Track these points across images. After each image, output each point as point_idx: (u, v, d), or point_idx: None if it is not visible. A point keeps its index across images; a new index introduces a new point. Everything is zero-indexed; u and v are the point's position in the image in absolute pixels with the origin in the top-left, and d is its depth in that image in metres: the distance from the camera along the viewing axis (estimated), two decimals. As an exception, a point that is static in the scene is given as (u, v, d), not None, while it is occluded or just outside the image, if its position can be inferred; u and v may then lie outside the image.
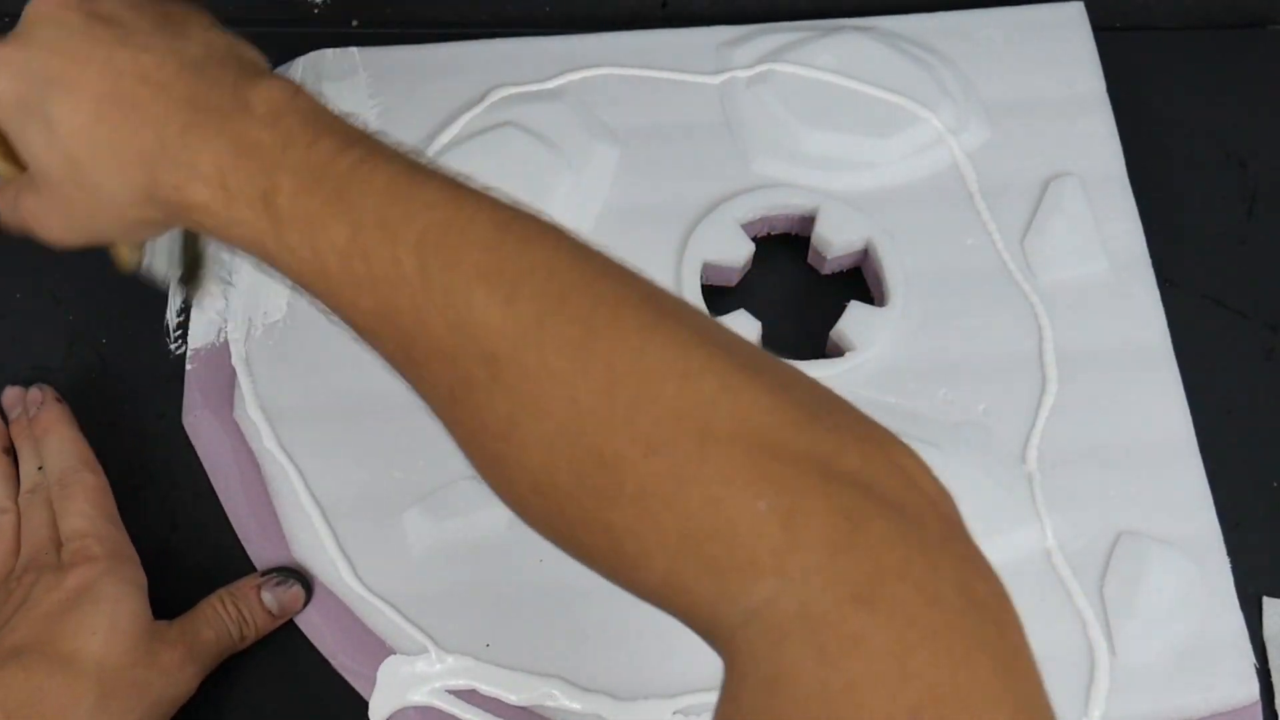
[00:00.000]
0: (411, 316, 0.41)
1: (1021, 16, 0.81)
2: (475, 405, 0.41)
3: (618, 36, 0.80)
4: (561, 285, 0.40)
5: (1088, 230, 0.72)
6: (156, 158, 0.46)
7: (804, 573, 0.35)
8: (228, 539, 0.66)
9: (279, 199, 0.44)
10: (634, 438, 0.38)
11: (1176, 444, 0.67)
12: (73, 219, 0.50)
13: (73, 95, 0.47)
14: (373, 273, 0.42)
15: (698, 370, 0.38)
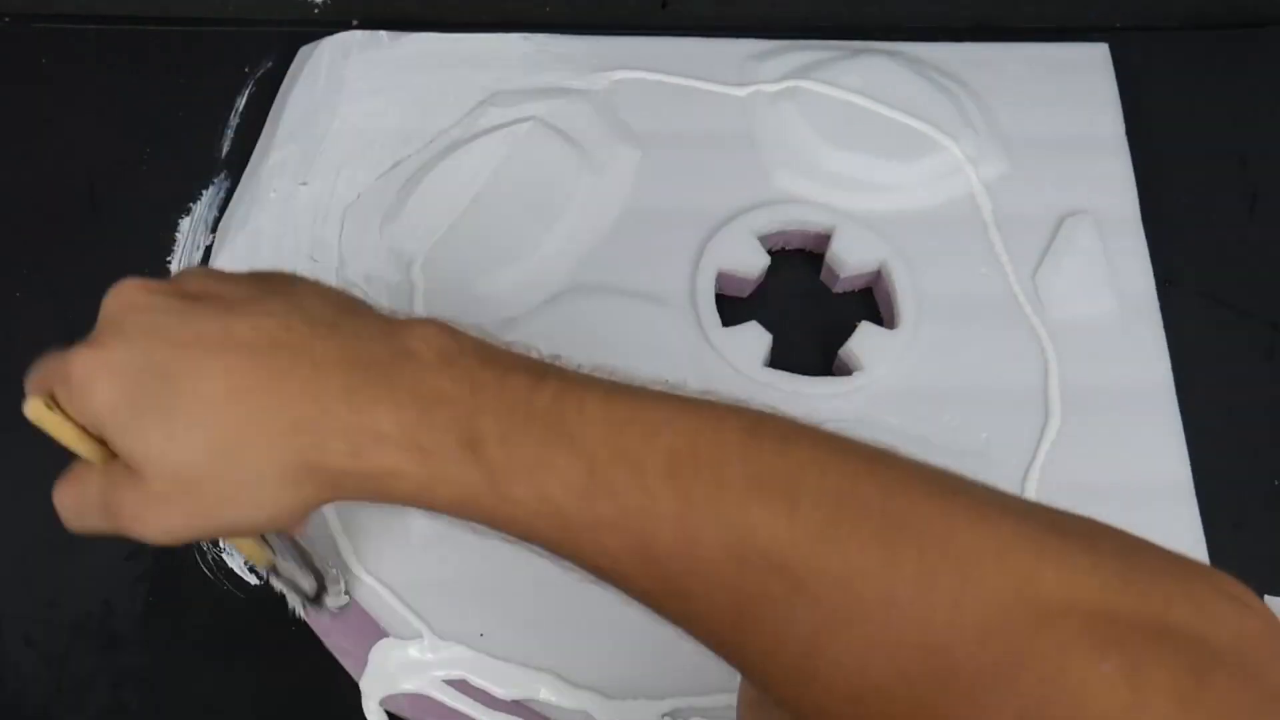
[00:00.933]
0: (676, 547, 0.38)
1: (1047, 53, 0.81)
2: (771, 623, 0.37)
3: (648, 41, 0.80)
4: (839, 480, 0.38)
5: (1099, 269, 0.73)
6: (317, 428, 0.41)
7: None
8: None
9: (487, 448, 0.40)
10: (962, 627, 0.35)
11: (1174, 486, 0.67)
12: (197, 513, 0.43)
13: (196, 383, 0.41)
14: (623, 509, 0.38)
15: (1010, 543, 0.36)
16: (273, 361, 0.41)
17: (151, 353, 0.42)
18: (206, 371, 0.41)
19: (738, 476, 0.38)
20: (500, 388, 0.40)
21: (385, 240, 0.72)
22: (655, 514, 0.38)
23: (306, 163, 0.75)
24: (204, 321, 0.42)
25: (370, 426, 0.40)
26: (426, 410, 0.40)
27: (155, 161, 0.78)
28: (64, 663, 0.63)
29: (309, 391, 0.41)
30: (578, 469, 0.39)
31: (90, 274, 0.73)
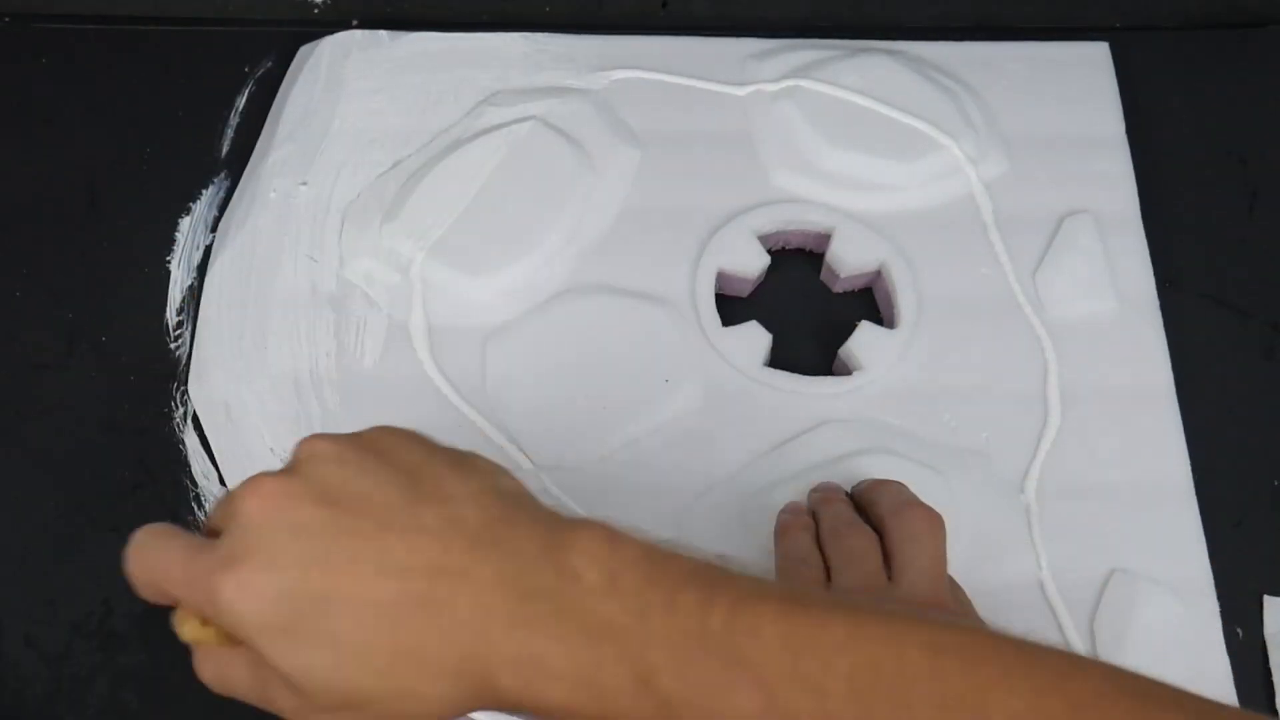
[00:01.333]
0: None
1: (1047, 52, 0.81)
2: None
3: (648, 40, 0.80)
4: (1028, 699, 0.37)
5: (1099, 269, 0.73)
6: (485, 660, 0.40)
7: None
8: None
9: (660, 681, 0.39)
10: None
11: (1174, 486, 0.67)
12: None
13: (358, 611, 0.40)
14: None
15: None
16: (433, 589, 0.40)
17: (305, 579, 0.41)
18: (365, 599, 0.40)
19: (924, 699, 0.37)
20: (670, 611, 0.39)
21: (385, 240, 0.72)
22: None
23: (306, 162, 0.75)
24: (356, 543, 0.41)
25: (539, 661, 0.39)
26: (596, 645, 0.39)
27: (155, 161, 0.78)
28: (63, 662, 0.63)
29: (473, 624, 0.40)
30: (756, 699, 0.38)
31: (90, 274, 0.74)
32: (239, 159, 0.78)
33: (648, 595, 0.40)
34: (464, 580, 0.40)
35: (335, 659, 0.41)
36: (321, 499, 0.42)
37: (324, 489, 0.42)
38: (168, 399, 0.70)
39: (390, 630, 0.40)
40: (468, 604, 0.40)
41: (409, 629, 0.40)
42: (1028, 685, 0.37)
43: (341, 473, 0.43)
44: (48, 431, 0.69)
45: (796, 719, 0.38)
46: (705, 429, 0.68)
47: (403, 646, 0.40)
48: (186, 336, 0.72)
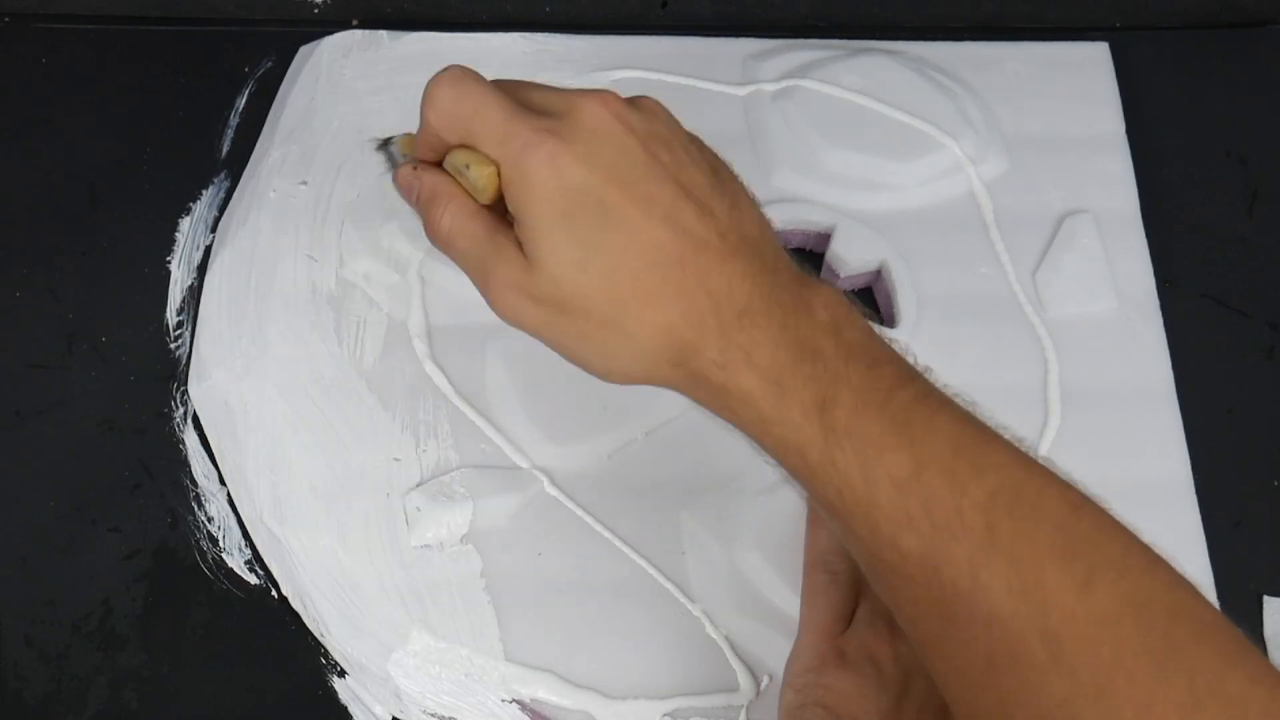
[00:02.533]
0: (962, 571, 0.40)
1: (1047, 52, 0.81)
2: (1023, 680, 0.40)
3: (647, 40, 0.80)
4: (1135, 587, 0.40)
5: (1099, 268, 0.73)
6: (705, 330, 0.44)
7: None
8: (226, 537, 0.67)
9: (837, 412, 0.42)
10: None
11: (1174, 485, 0.67)
12: (556, 329, 0.46)
13: (630, 237, 0.44)
14: (931, 517, 0.41)
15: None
16: (698, 257, 0.44)
17: (605, 188, 0.44)
18: (641, 232, 0.44)
19: (1046, 537, 0.40)
20: (871, 370, 0.43)
21: (385, 240, 0.72)
22: (958, 532, 0.40)
23: (306, 162, 0.75)
24: (660, 188, 0.45)
25: (747, 351, 0.43)
26: (800, 360, 0.43)
27: (155, 161, 0.78)
28: (63, 662, 0.64)
29: (712, 299, 0.44)
30: (905, 467, 0.41)
31: (90, 274, 0.74)
32: (239, 159, 0.78)
33: (858, 351, 0.44)
34: (723, 263, 0.44)
35: (584, 260, 0.44)
36: (648, 141, 0.46)
37: (652, 136, 0.46)
38: (168, 399, 0.70)
39: (645, 265, 0.44)
40: (716, 281, 0.44)
41: (659, 273, 0.44)
42: (1142, 576, 0.41)
43: (669, 133, 0.47)
44: (48, 431, 0.69)
45: (930, 497, 0.41)
46: (706, 429, 0.67)
47: (645, 285, 0.44)
48: (186, 336, 0.72)
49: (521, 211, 0.45)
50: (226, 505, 0.67)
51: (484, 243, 0.47)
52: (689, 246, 0.44)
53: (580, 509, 0.65)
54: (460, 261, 0.49)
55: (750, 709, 0.61)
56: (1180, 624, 0.39)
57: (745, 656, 0.62)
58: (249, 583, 0.65)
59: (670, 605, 0.63)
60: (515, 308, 0.46)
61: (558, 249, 0.45)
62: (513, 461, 0.66)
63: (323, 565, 0.64)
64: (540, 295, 0.45)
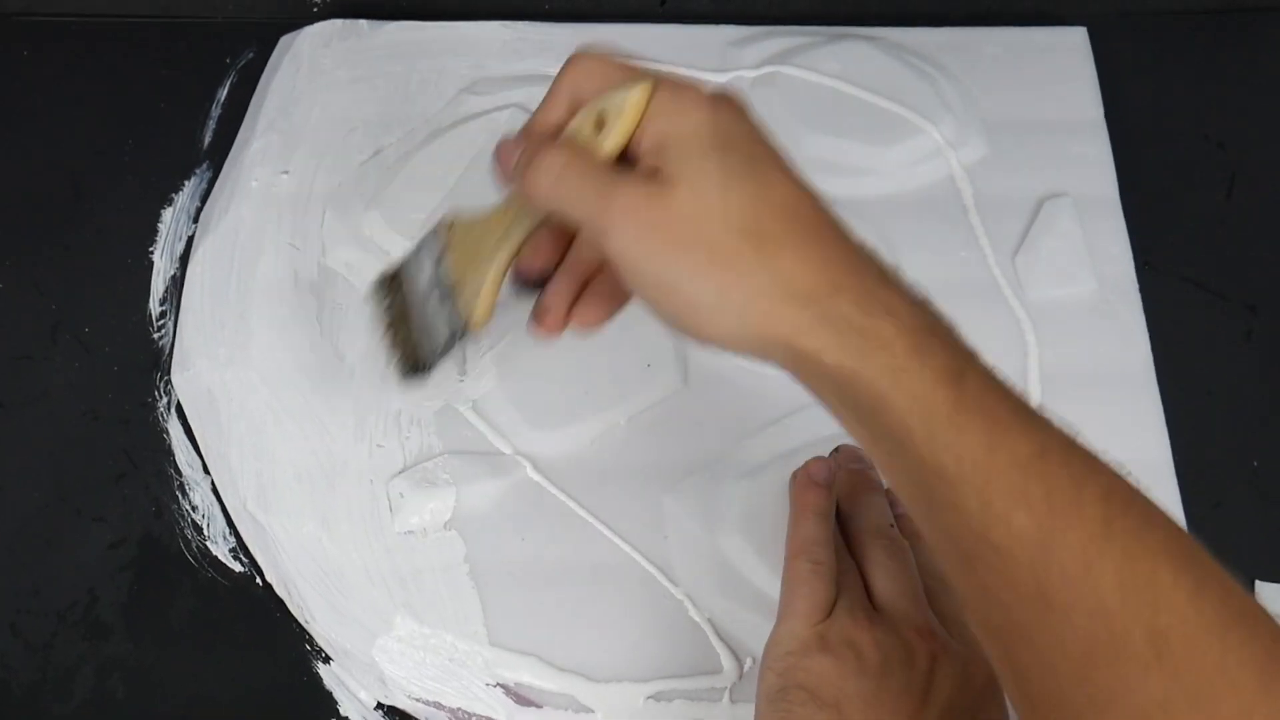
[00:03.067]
0: (1075, 557, 0.40)
1: (1026, 37, 0.82)
2: (1122, 675, 0.39)
3: (626, 28, 0.80)
4: (1243, 603, 0.41)
5: (1078, 251, 0.73)
6: (846, 275, 0.44)
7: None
8: (210, 525, 0.67)
9: (968, 382, 0.43)
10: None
11: (1154, 467, 0.68)
12: (681, 268, 0.45)
13: (773, 183, 0.45)
14: (1050, 499, 0.40)
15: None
16: (833, 220, 0.45)
17: (753, 140, 0.45)
18: (784, 185, 0.45)
19: (1159, 541, 0.41)
20: (980, 361, 0.45)
21: (367, 228, 0.72)
22: (1074, 521, 0.40)
23: (288, 151, 0.76)
24: (791, 162, 0.46)
25: (887, 304, 0.43)
26: (933, 331, 0.44)
27: (137, 152, 0.78)
28: (49, 651, 0.64)
29: (851, 254, 0.44)
30: (1031, 446, 0.42)
31: (73, 265, 0.74)
32: (221, 150, 0.78)
33: (964, 344, 0.45)
34: (851, 233, 0.45)
35: (728, 189, 0.44)
36: (754, 132, 0.46)
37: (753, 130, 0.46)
38: (151, 388, 0.70)
39: (787, 211, 0.44)
40: (851, 243, 0.45)
41: (799, 222, 0.44)
42: (1149, 569, 0.40)
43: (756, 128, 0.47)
44: (32, 422, 0.70)
45: (1050, 485, 0.41)
46: (689, 413, 0.68)
47: (785, 226, 0.44)
48: (170, 326, 0.72)
49: (670, 136, 0.45)
50: (210, 494, 0.67)
51: (602, 175, 0.46)
52: (826, 211, 0.45)
53: (563, 494, 0.65)
54: (572, 198, 0.47)
55: (733, 690, 0.61)
56: (1173, 629, 0.39)
57: (728, 639, 0.62)
58: (233, 570, 0.65)
59: (653, 589, 0.63)
60: (634, 236, 0.45)
61: (706, 172, 0.44)
62: (496, 448, 0.67)
63: (307, 552, 0.64)
64: (666, 221, 0.44)
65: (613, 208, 0.45)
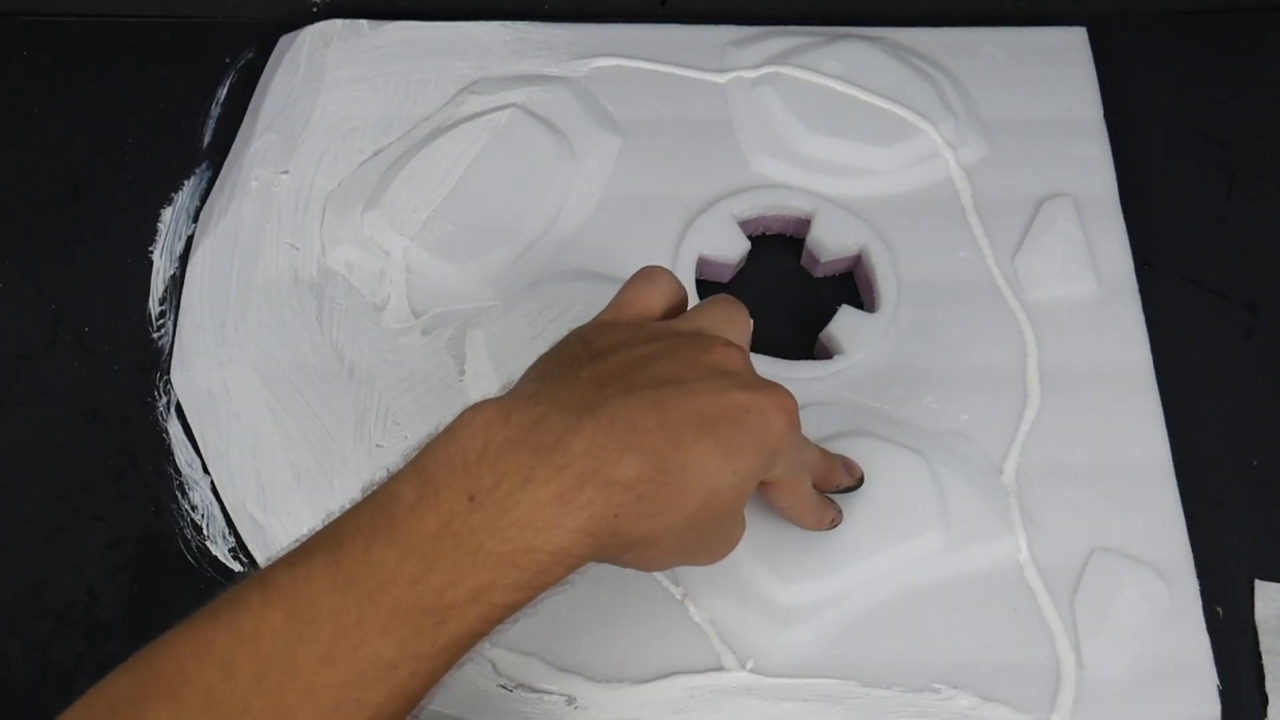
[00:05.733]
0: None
1: (1025, 37, 0.82)
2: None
3: (628, 28, 0.81)
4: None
5: (1078, 251, 0.73)
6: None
7: None
8: (210, 525, 0.67)
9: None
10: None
11: (1153, 466, 0.67)
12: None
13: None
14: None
15: None
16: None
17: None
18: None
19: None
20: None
21: (366, 228, 0.72)
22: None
23: (287, 151, 0.76)
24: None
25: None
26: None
27: (137, 152, 0.78)
28: (48, 651, 0.64)
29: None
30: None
31: (73, 264, 0.74)
32: (221, 149, 0.78)
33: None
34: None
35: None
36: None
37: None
38: (150, 388, 0.70)
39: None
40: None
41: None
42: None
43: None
44: (31, 421, 0.70)
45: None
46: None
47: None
48: (169, 326, 0.72)
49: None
50: (210, 493, 0.67)
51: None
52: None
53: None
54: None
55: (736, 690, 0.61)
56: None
57: (728, 639, 0.62)
58: (233, 570, 0.65)
59: (653, 588, 0.63)
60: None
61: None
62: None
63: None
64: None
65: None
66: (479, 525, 0.44)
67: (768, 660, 0.61)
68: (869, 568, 0.62)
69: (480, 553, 0.44)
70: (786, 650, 0.61)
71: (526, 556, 0.44)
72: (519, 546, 0.44)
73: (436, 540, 0.44)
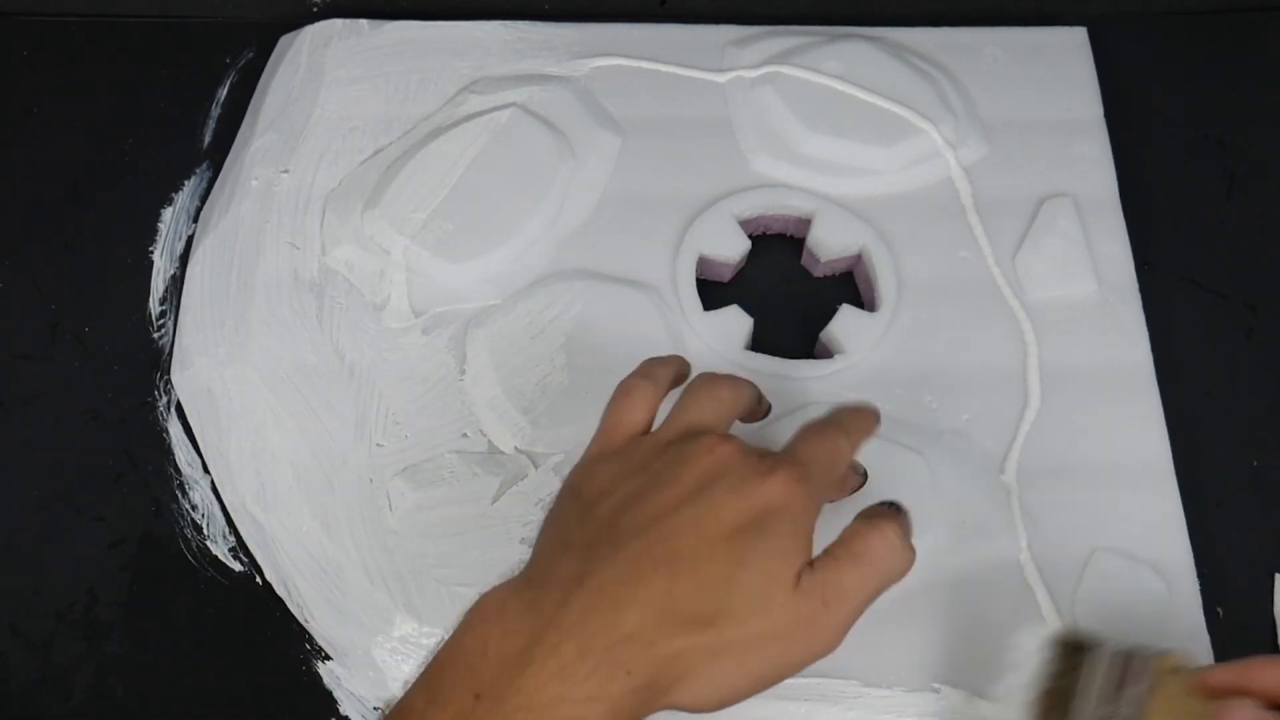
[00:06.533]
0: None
1: (1026, 37, 0.82)
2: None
3: (628, 28, 0.81)
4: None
5: (1078, 251, 0.73)
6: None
7: None
8: (210, 524, 0.67)
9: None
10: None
11: (1154, 466, 0.67)
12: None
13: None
14: None
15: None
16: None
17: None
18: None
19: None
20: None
21: (367, 227, 0.72)
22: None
23: (288, 150, 0.76)
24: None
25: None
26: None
27: (137, 152, 0.78)
28: (49, 650, 0.64)
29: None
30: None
31: (73, 265, 0.74)
32: (221, 149, 0.78)
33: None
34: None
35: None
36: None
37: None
38: (151, 388, 0.70)
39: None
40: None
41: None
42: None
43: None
44: (32, 421, 0.70)
45: None
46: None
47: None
48: (169, 325, 0.72)
49: None
50: (210, 493, 0.67)
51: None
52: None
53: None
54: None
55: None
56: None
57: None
58: (233, 570, 0.65)
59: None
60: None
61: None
62: (496, 447, 0.67)
63: (306, 551, 0.64)
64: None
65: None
66: (484, 717, 0.44)
67: (768, 660, 0.61)
68: (869, 567, 0.62)
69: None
70: (787, 650, 0.61)
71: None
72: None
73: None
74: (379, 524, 0.65)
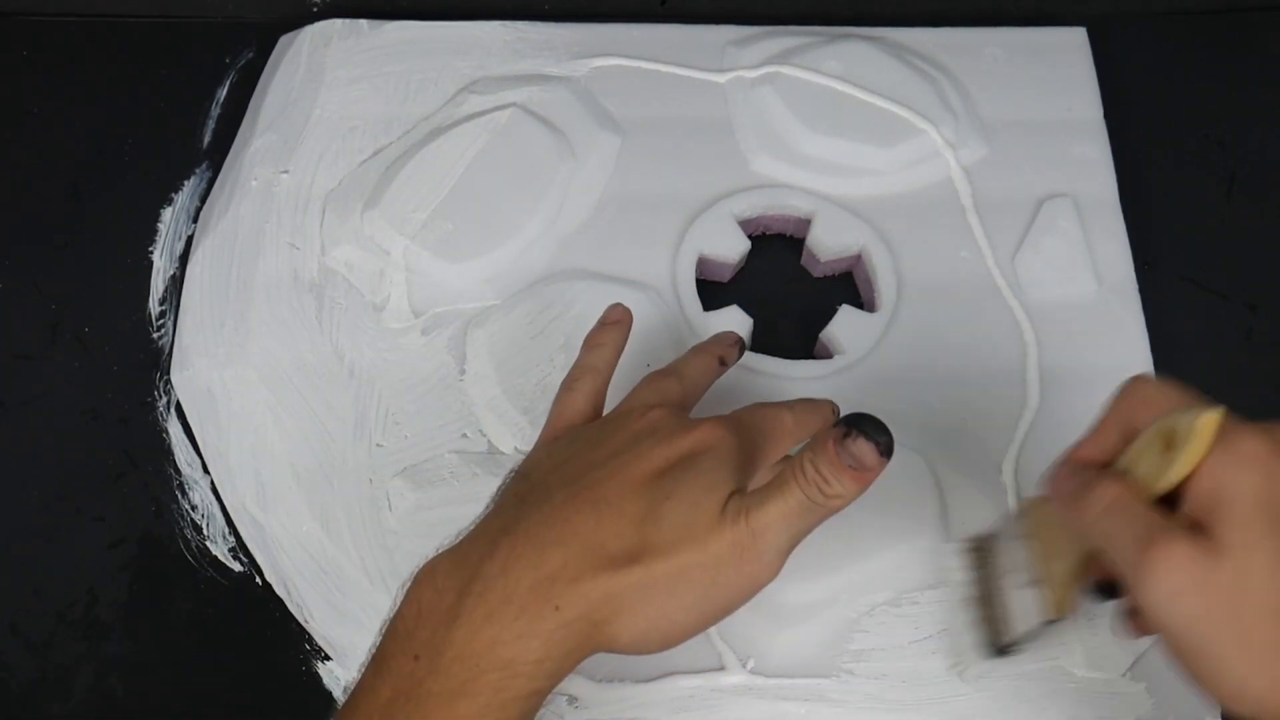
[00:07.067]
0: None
1: (1026, 38, 0.82)
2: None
3: (628, 28, 0.81)
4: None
5: (1078, 251, 0.73)
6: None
7: None
8: (210, 525, 0.67)
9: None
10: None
11: (1153, 466, 0.68)
12: (1220, 638, 0.44)
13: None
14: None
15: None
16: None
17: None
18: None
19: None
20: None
21: (367, 227, 0.72)
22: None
23: (287, 151, 0.76)
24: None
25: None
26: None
27: (137, 152, 0.78)
28: (49, 650, 0.64)
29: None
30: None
31: (73, 265, 0.74)
32: (220, 149, 0.78)
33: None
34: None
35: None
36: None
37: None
38: (150, 388, 0.70)
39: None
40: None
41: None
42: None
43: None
44: (32, 421, 0.70)
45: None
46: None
47: (1272, 656, 0.44)
48: (169, 326, 0.72)
49: (1226, 493, 0.44)
50: (210, 493, 0.67)
51: (1147, 519, 0.46)
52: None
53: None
54: (1113, 536, 0.47)
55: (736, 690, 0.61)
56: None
57: (729, 639, 0.62)
58: (232, 570, 0.65)
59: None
60: (1168, 592, 0.44)
61: (1263, 552, 0.43)
62: (496, 447, 0.67)
63: (306, 551, 0.64)
64: (1205, 588, 0.44)
65: (1153, 558, 0.44)
66: (424, 674, 0.46)
67: (768, 660, 0.61)
68: (869, 567, 0.62)
69: (429, 698, 0.46)
70: (786, 650, 0.61)
71: (476, 683, 0.46)
72: (465, 677, 0.46)
73: (390, 704, 0.46)
74: (379, 524, 0.65)
